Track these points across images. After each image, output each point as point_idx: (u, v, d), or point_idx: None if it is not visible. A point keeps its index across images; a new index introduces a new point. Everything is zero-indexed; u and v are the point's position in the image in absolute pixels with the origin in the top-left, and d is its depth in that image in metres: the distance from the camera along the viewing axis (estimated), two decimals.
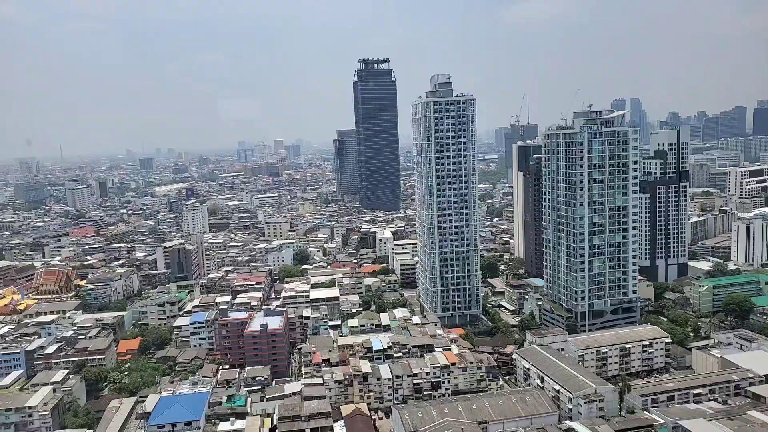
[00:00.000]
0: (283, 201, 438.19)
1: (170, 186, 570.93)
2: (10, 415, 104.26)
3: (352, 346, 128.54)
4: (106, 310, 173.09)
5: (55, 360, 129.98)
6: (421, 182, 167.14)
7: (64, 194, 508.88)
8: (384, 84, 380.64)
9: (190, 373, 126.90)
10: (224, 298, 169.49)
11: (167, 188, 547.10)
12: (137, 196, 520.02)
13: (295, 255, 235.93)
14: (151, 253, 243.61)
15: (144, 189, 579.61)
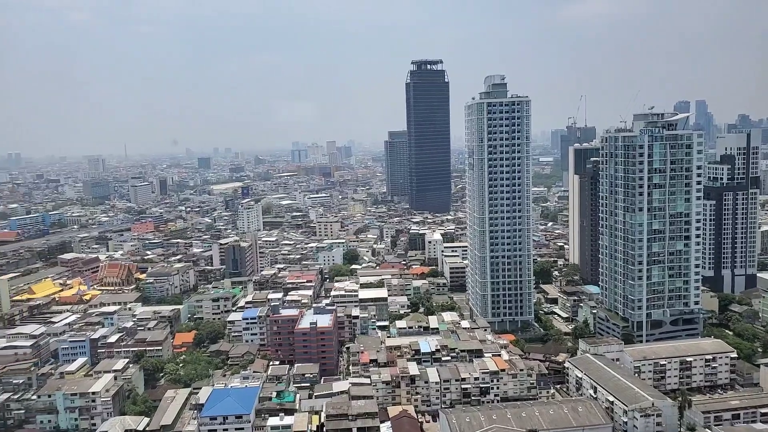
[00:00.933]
0: (335, 201, 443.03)
1: (227, 185, 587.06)
2: (76, 400, 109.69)
3: (399, 347, 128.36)
4: (164, 304, 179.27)
5: (116, 349, 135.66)
6: (473, 184, 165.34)
7: (127, 191, 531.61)
8: (437, 85, 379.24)
9: (242, 367, 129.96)
10: (276, 295, 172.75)
11: (224, 187, 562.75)
12: (195, 193, 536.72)
13: (344, 254, 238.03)
14: (207, 249, 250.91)
15: (202, 187, 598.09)
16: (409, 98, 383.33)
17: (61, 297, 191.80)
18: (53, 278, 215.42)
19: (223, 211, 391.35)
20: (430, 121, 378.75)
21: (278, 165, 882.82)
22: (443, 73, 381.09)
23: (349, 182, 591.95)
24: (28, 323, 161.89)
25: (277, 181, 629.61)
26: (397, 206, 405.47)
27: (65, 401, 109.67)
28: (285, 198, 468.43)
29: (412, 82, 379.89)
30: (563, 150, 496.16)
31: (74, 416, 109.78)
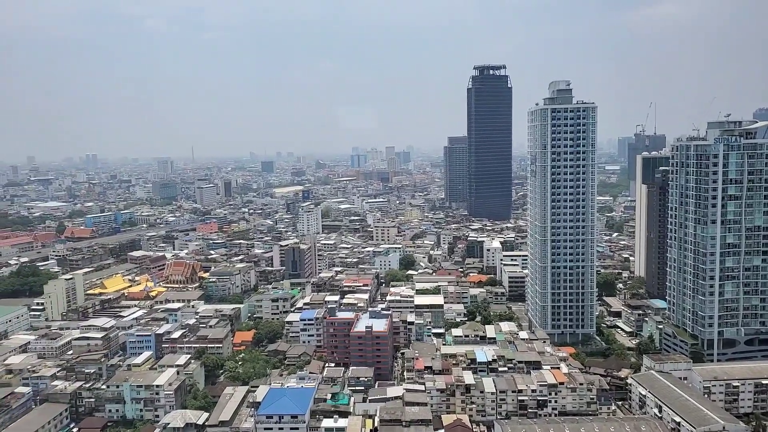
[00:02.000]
0: (392, 206, 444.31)
1: (288, 188, 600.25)
2: (141, 391, 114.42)
3: (455, 355, 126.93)
4: (225, 302, 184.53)
5: (179, 345, 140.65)
6: (535, 192, 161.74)
7: (193, 192, 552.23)
8: (499, 90, 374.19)
9: (298, 368, 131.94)
10: (333, 298, 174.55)
11: (285, 190, 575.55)
12: (258, 196, 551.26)
13: (401, 260, 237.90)
14: (268, 250, 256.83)
15: (264, 190, 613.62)
16: (470, 103, 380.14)
17: (130, 292, 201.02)
18: (123, 274, 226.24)
19: (284, 214, 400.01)
20: (491, 126, 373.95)
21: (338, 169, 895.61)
22: (506, 78, 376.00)
23: (407, 187, 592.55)
24: (99, 316, 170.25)
25: (337, 185, 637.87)
26: (456, 212, 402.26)
27: (131, 392, 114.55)
28: (344, 202, 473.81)
29: (473, 88, 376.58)
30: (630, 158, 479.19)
31: (139, 407, 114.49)
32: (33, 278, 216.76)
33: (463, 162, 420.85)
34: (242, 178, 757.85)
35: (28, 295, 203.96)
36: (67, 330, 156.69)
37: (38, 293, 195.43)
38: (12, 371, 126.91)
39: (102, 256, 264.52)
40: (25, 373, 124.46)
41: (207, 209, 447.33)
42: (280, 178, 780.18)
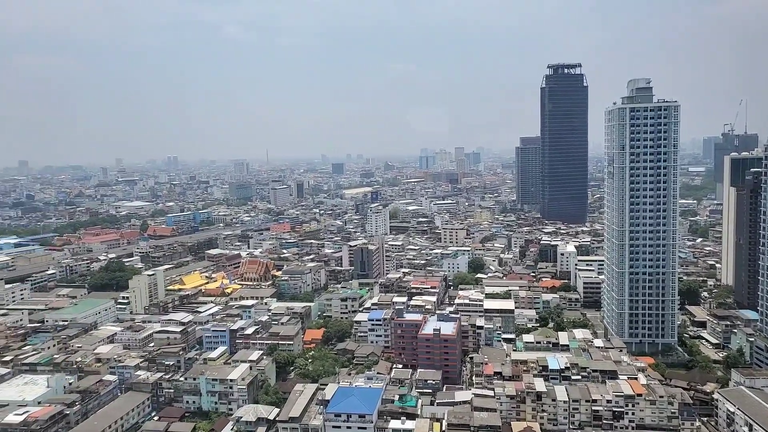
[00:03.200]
0: (461, 208, 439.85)
1: (357, 189, 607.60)
2: (216, 384, 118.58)
3: (526, 362, 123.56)
4: (297, 300, 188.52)
5: (252, 341, 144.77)
6: (612, 194, 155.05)
7: (267, 193, 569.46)
8: (574, 89, 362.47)
9: (366, 367, 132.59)
10: (401, 299, 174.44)
11: (355, 191, 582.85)
12: (328, 197, 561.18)
13: (470, 263, 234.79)
14: (338, 250, 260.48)
15: (335, 191, 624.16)
16: (543, 103, 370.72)
17: (207, 289, 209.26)
18: (201, 271, 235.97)
19: (353, 215, 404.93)
20: (566, 127, 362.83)
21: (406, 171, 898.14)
22: (581, 77, 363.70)
23: (476, 189, 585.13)
24: (178, 311, 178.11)
25: (405, 186, 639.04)
26: (528, 215, 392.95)
27: (207, 385, 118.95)
28: (412, 203, 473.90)
29: (547, 87, 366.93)
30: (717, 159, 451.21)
31: (214, 399, 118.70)
32: (119, 273, 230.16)
33: (536, 163, 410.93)
34: (314, 179, 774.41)
35: (115, 289, 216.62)
36: (149, 323, 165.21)
37: (124, 287, 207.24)
38: (101, 360, 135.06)
39: (181, 254, 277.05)
40: (112, 362, 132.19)
41: (280, 210, 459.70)
42: (349, 180, 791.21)
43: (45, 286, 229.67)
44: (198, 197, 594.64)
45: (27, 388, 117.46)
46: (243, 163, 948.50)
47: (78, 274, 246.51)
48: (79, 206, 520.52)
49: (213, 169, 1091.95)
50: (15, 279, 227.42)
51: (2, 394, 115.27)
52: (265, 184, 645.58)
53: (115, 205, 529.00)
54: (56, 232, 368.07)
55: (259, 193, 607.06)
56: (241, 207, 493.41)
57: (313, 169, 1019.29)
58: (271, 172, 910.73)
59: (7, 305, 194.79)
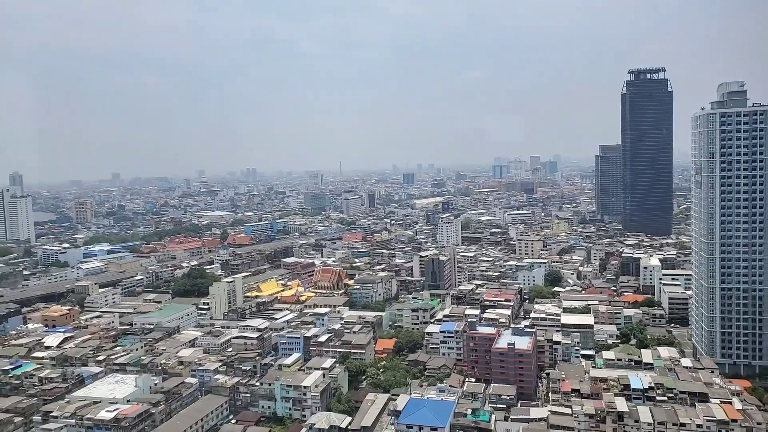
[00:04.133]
0: (537, 219, 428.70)
1: (428, 199, 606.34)
2: (290, 391, 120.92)
3: (606, 379, 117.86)
4: (368, 309, 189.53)
5: (325, 348, 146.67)
6: (700, 205, 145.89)
7: (340, 203, 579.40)
8: (658, 95, 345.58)
9: (438, 380, 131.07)
10: (473, 311, 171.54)
11: (426, 201, 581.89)
12: (399, 207, 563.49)
13: (546, 275, 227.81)
14: (409, 260, 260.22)
15: (405, 201, 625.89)
16: (624, 110, 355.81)
17: (282, 296, 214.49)
18: (277, 279, 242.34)
19: (424, 225, 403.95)
20: (648, 134, 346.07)
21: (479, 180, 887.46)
22: (666, 82, 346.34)
23: (553, 199, 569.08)
24: (255, 317, 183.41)
25: (477, 196, 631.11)
26: (608, 226, 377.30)
27: (282, 391, 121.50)
28: (484, 214, 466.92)
29: (628, 93, 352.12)
30: None
31: (288, 405, 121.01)
32: (201, 280, 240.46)
33: (617, 172, 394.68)
34: (385, 189, 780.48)
35: (196, 295, 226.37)
36: (227, 328, 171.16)
37: (204, 294, 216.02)
38: (183, 363, 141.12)
39: (259, 262, 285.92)
40: (193, 365, 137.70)
41: (352, 219, 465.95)
42: (420, 190, 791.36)
43: (133, 291, 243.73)
44: (275, 207, 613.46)
45: (117, 386, 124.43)
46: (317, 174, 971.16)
47: (163, 280, 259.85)
48: (165, 216, 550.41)
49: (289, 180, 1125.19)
50: (107, 284, 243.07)
51: (96, 391, 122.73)
52: (338, 195, 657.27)
53: (198, 214, 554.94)
54: (144, 240, 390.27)
55: (332, 203, 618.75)
56: (315, 217, 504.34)
57: (384, 179, 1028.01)
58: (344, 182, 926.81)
59: (101, 308, 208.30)
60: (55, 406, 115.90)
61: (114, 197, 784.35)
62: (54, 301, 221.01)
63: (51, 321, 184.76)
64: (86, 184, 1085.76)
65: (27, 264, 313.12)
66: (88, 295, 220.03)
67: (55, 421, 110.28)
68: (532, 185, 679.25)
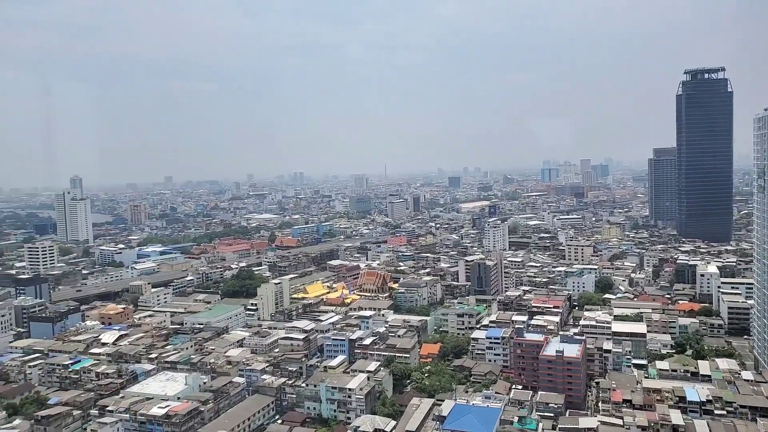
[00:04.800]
0: (587, 223, 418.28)
1: (474, 203, 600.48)
2: (335, 393, 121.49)
3: (660, 391, 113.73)
4: (413, 313, 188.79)
5: (369, 351, 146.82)
6: (763, 210, 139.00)
7: (385, 206, 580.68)
8: (716, 96, 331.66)
9: (484, 386, 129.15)
10: (520, 318, 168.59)
11: (472, 205, 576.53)
12: (445, 211, 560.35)
13: (596, 282, 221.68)
14: (454, 265, 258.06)
15: (451, 205, 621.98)
16: (680, 111, 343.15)
17: (328, 298, 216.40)
18: (323, 281, 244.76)
19: (470, 229, 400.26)
20: (706, 136, 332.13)
21: (527, 184, 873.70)
22: (725, 82, 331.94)
23: (604, 204, 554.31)
24: (301, 319, 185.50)
25: (525, 200, 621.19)
26: (662, 232, 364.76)
27: (327, 392, 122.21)
28: (532, 218, 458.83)
29: (684, 94, 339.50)
30: None
31: (333, 407, 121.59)
32: (249, 281, 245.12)
33: (672, 176, 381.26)
34: (430, 193, 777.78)
35: (244, 296, 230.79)
36: (274, 329, 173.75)
37: (252, 295, 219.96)
38: (231, 362, 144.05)
39: (305, 264, 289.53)
40: (241, 365, 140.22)
41: (397, 223, 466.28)
42: (466, 193, 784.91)
43: (184, 291, 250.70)
44: (321, 210, 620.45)
45: (168, 384, 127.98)
46: (362, 177, 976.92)
47: (212, 281, 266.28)
48: (215, 218, 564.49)
49: (335, 183, 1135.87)
50: (159, 284, 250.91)
51: (148, 388, 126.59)
52: (383, 198, 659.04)
53: (247, 217, 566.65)
54: (195, 241, 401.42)
55: (377, 206, 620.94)
56: (360, 220, 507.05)
57: (429, 182, 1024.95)
58: (389, 186, 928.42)
59: (153, 307, 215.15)
60: (111, 401, 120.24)
61: (167, 200, 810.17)
62: (110, 300, 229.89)
63: (107, 319, 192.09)
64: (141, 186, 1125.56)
65: (85, 264, 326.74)
66: (142, 294, 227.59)
67: (111, 415, 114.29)
68: (582, 189, 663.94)
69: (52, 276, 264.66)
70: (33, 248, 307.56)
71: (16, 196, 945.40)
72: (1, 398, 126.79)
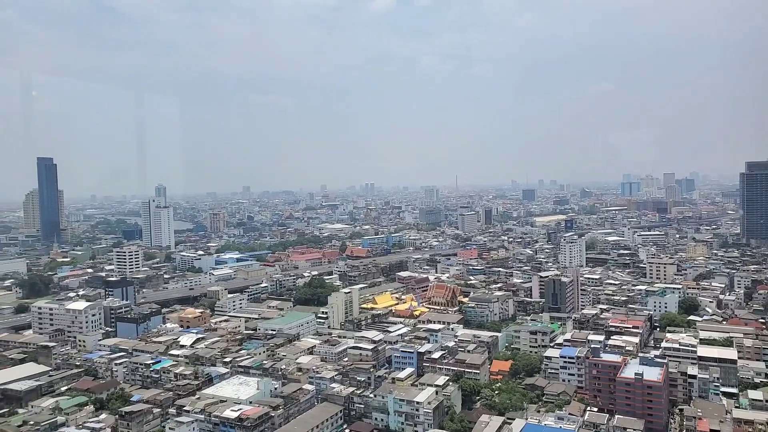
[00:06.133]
0: (670, 240, 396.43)
1: (550, 217, 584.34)
2: (403, 405, 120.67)
3: (752, 422, 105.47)
4: (483, 329, 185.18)
5: (438, 365, 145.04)
6: None
7: (455, 219, 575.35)
8: None
9: (557, 406, 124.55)
10: (597, 337, 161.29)
11: (546, 219, 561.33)
12: (518, 224, 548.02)
13: (680, 302, 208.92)
14: (527, 280, 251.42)
15: (525, 218, 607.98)
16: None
17: (396, 310, 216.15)
18: (391, 292, 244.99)
19: (544, 244, 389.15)
20: None
21: (605, 198, 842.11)
22: None
23: (689, 220, 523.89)
24: (370, 329, 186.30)
25: (604, 215, 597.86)
26: (755, 251, 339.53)
27: (395, 404, 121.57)
28: (611, 234, 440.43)
29: None
30: None
31: (401, 420, 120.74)
32: (320, 289, 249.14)
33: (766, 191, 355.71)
34: (502, 206, 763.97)
35: (315, 304, 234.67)
36: (343, 338, 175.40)
37: (323, 303, 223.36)
38: (301, 369, 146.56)
39: (375, 274, 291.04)
40: (310, 372, 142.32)
41: (468, 236, 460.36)
42: (541, 207, 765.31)
43: (258, 298, 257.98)
44: (391, 221, 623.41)
45: (241, 388, 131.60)
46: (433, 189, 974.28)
47: (285, 288, 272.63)
48: (289, 227, 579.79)
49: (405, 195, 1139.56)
50: (235, 289, 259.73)
51: (222, 390, 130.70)
52: (454, 210, 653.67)
53: (319, 226, 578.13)
54: (269, 249, 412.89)
55: (447, 218, 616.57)
56: (429, 232, 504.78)
57: (502, 195, 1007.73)
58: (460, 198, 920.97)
59: (229, 312, 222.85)
60: (188, 401, 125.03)
61: (244, 209, 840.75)
62: (189, 304, 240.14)
63: (186, 322, 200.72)
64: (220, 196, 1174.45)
65: (167, 268, 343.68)
66: (218, 299, 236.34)
67: (187, 415, 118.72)
68: (665, 204, 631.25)
69: (138, 279, 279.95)
70: (121, 252, 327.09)
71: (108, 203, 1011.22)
72: (91, 393, 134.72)
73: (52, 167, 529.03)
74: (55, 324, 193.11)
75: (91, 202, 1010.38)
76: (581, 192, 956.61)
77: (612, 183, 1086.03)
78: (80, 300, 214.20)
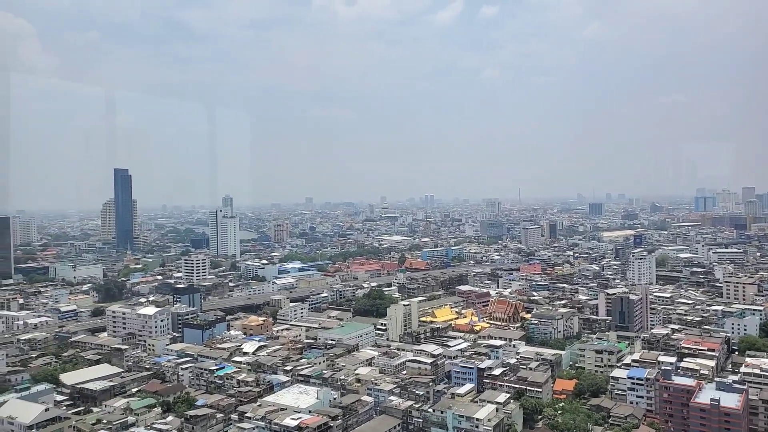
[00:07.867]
0: (750, 259, 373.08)
1: (617, 232, 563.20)
2: (462, 421, 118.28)
3: None
4: (546, 346, 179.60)
5: (499, 382, 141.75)
6: None
7: (518, 233, 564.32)
8: None
9: (624, 429, 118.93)
10: (668, 359, 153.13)
11: (614, 234, 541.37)
12: (584, 239, 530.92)
13: (761, 325, 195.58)
14: (593, 297, 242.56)
15: (591, 233, 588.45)
16: None
17: (456, 324, 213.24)
18: (451, 306, 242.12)
19: (612, 260, 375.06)
20: None
21: (677, 213, 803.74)
22: None
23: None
24: (429, 343, 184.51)
25: (675, 231, 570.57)
26: None
27: (454, 420, 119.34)
28: (684, 250, 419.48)
29: None
30: None
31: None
32: (379, 301, 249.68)
33: None
34: (568, 220, 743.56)
35: (375, 315, 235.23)
36: (402, 351, 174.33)
37: (382, 314, 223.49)
38: (360, 380, 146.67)
39: (434, 288, 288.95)
40: (369, 384, 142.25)
41: (531, 250, 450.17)
42: (608, 222, 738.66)
43: (319, 307, 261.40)
44: (451, 234, 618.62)
45: (301, 396, 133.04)
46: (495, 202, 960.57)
47: (345, 299, 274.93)
48: (350, 238, 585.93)
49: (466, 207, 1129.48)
50: (297, 299, 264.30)
51: (283, 398, 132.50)
52: (516, 224, 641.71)
53: (379, 238, 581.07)
54: (330, 260, 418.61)
55: (509, 232, 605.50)
56: (491, 245, 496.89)
57: (567, 209, 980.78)
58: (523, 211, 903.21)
59: (290, 321, 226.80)
60: (249, 408, 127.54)
61: (307, 219, 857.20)
62: (252, 312, 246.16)
63: (249, 330, 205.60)
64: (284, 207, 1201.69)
65: (232, 277, 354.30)
66: (281, 308, 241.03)
67: (249, 421, 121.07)
68: (744, 220, 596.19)
69: (204, 287, 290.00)
70: (189, 260, 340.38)
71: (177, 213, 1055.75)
72: (159, 395, 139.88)
73: (127, 178, 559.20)
74: (127, 327, 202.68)
75: (162, 212, 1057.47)
76: (651, 206, 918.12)
77: (684, 197, 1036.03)
78: (150, 305, 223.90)
